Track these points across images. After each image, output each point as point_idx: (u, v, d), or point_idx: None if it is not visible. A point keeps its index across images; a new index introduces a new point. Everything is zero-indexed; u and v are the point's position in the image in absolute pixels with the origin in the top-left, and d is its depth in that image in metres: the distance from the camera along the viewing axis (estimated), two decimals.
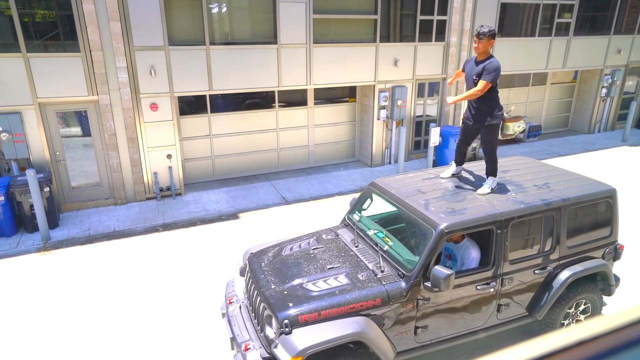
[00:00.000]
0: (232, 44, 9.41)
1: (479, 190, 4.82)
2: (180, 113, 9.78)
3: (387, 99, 10.99)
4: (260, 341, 4.11)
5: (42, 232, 7.58)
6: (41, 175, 7.73)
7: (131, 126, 8.78)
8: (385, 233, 4.77)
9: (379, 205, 5.19)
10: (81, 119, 8.75)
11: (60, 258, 7.12)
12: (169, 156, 9.27)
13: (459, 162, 5.39)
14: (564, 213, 4.59)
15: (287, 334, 3.72)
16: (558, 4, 12.66)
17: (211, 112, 10.21)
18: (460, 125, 5.45)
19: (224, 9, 9.34)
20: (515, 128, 13.25)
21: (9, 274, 6.67)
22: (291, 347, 3.62)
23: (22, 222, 7.91)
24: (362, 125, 11.74)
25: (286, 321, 3.76)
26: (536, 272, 4.60)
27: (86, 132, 8.81)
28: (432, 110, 12.13)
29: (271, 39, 9.62)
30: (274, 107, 10.81)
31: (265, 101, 10.70)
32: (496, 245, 4.32)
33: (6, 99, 7.86)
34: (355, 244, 4.78)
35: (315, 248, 4.81)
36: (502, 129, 13.16)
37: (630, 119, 13.63)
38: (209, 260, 6.98)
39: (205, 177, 10.53)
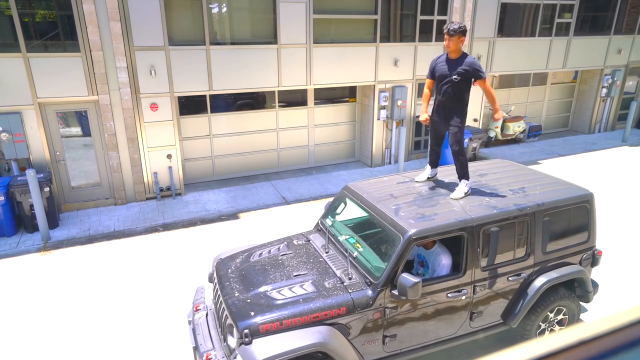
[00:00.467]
0: (232, 44, 9.41)
1: (453, 195, 4.68)
2: (180, 113, 9.78)
3: (387, 99, 11.00)
4: (223, 351, 3.96)
5: (42, 232, 7.58)
6: (41, 175, 7.73)
7: (131, 126, 8.79)
8: (356, 239, 4.65)
9: (354, 210, 5.05)
10: (81, 119, 8.75)
11: (60, 258, 7.12)
12: (169, 156, 9.27)
13: (433, 165, 5.26)
14: (539, 218, 4.47)
15: (247, 344, 3.61)
16: (558, 4, 12.66)
17: (210, 112, 10.21)
18: (429, 127, 5.33)
19: (224, 9, 9.34)
20: (515, 128, 13.25)
21: (9, 274, 6.67)
22: (250, 358, 3.52)
23: (22, 222, 7.92)
24: (362, 125, 11.74)
25: (246, 331, 3.64)
26: (510, 279, 4.47)
27: (86, 132, 8.81)
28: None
29: (271, 39, 9.63)
30: (274, 107, 10.81)
31: (257, 101, 10.67)
32: (467, 252, 4.19)
33: (6, 99, 7.86)
34: (325, 249, 4.65)
35: (284, 254, 4.68)
36: (503, 129, 13.17)
37: (630, 119, 13.63)
38: (208, 260, 6.98)
39: (205, 177, 10.53)
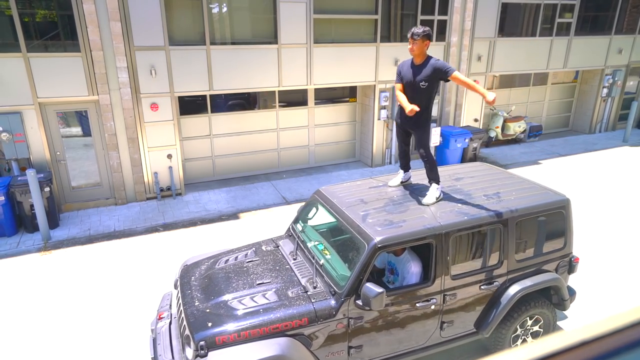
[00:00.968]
0: (233, 43, 9.42)
1: (424, 200, 4.53)
2: (180, 113, 9.79)
3: (388, 99, 10.99)
4: None
5: (43, 232, 7.58)
6: (41, 175, 7.73)
7: (131, 126, 8.79)
8: (325, 245, 4.49)
9: (325, 215, 4.89)
10: (81, 118, 8.76)
11: (61, 258, 7.12)
12: (169, 156, 9.27)
13: (405, 168, 5.13)
14: (512, 225, 4.34)
15: (203, 356, 3.49)
16: (559, 4, 12.65)
17: (210, 112, 10.22)
18: (395, 130, 5.16)
19: (224, 9, 9.34)
20: (516, 128, 13.24)
21: (9, 273, 6.67)
22: None
23: (23, 222, 7.92)
24: (363, 125, 11.74)
25: (202, 343, 3.52)
26: (482, 288, 4.34)
27: (86, 132, 8.82)
28: (433, 110, 12.09)
29: (271, 39, 9.63)
30: (274, 107, 10.81)
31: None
32: (436, 260, 4.06)
33: (6, 99, 7.86)
34: (294, 256, 4.52)
35: (250, 261, 4.55)
36: (503, 129, 13.16)
37: (631, 119, 13.62)
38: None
39: (205, 177, 10.53)
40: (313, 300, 3.86)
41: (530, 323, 4.68)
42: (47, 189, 7.68)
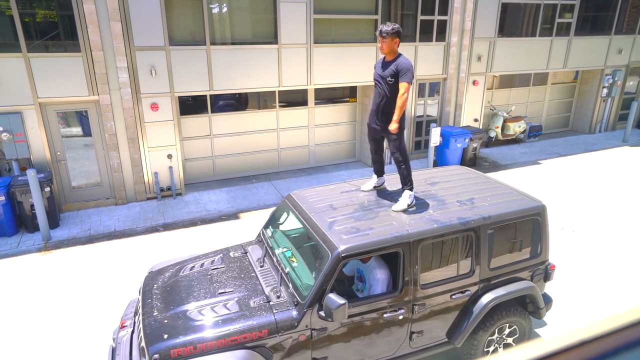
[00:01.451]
0: (233, 43, 9.42)
1: (394, 207, 4.39)
2: (180, 113, 9.79)
3: None
4: None
5: (43, 232, 7.58)
6: (42, 175, 7.74)
7: (132, 126, 8.79)
8: (293, 252, 4.33)
9: (296, 221, 4.74)
10: (82, 119, 8.76)
11: (61, 258, 7.12)
12: (170, 156, 9.27)
13: (378, 173, 4.97)
14: (484, 232, 4.21)
15: None
16: (559, 4, 12.65)
17: (211, 112, 10.22)
18: (368, 134, 4.99)
19: (225, 9, 9.34)
20: (515, 128, 13.24)
21: (9, 273, 6.67)
22: None
23: (23, 222, 7.92)
24: (363, 125, 11.73)
25: (156, 355, 3.40)
26: (454, 297, 4.21)
27: (87, 132, 8.82)
28: (433, 110, 12.12)
29: (272, 39, 9.63)
30: (275, 107, 10.81)
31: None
32: (404, 269, 3.91)
33: (7, 99, 7.87)
34: (260, 263, 4.38)
35: (215, 268, 4.41)
36: (503, 129, 13.17)
37: (631, 119, 13.62)
38: None
39: (205, 177, 10.53)
40: (275, 311, 3.73)
41: (505, 332, 4.57)
42: (48, 189, 7.68)
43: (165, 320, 3.74)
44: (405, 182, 4.58)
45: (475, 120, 12.64)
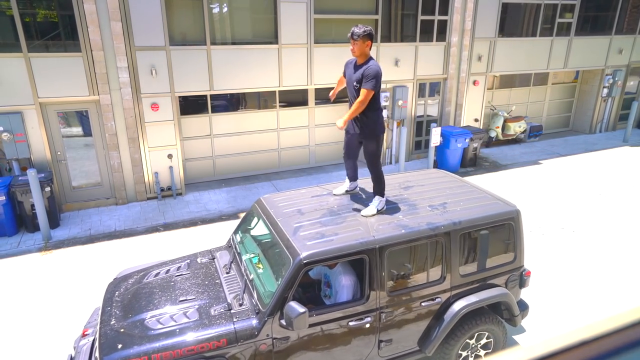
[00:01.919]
0: (233, 43, 9.42)
1: (363, 212, 4.30)
2: (180, 113, 9.79)
3: (388, 99, 10.99)
4: None
5: (43, 232, 7.59)
6: (42, 175, 7.74)
7: (132, 126, 8.79)
8: (260, 258, 4.21)
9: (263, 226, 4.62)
10: (82, 118, 8.76)
11: (61, 258, 7.13)
12: (170, 156, 9.28)
13: (351, 178, 4.90)
14: (455, 238, 4.10)
15: None
16: (559, 4, 12.65)
17: (211, 112, 10.22)
18: (344, 138, 4.88)
19: (225, 9, 9.34)
20: (516, 128, 13.24)
21: (10, 273, 6.68)
22: None
23: (23, 222, 7.93)
24: None
25: None
26: (424, 304, 4.09)
27: (87, 132, 8.82)
28: (433, 110, 12.12)
29: (272, 39, 9.63)
30: (275, 107, 10.81)
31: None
32: (370, 276, 3.80)
33: (7, 98, 7.87)
34: (227, 269, 4.27)
35: (179, 275, 4.29)
36: (503, 129, 13.17)
37: (631, 119, 13.62)
38: None
39: (206, 177, 10.53)
40: (235, 320, 3.60)
41: (478, 340, 4.46)
42: (48, 189, 7.68)
43: (122, 330, 3.62)
44: (377, 189, 4.51)
45: (476, 120, 12.64)
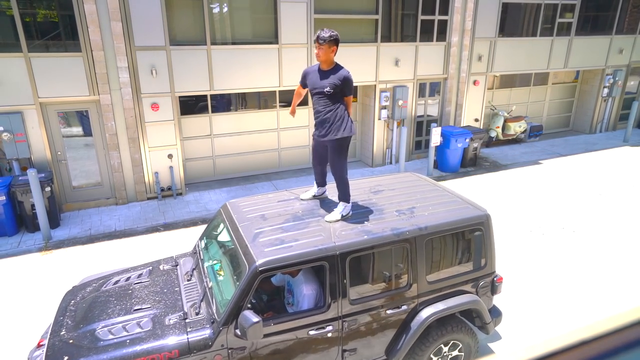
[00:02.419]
0: (233, 43, 9.42)
1: (327, 217, 4.17)
2: (181, 113, 9.79)
3: (388, 98, 10.99)
4: None
5: (43, 232, 7.59)
6: (42, 174, 7.74)
7: (132, 126, 8.79)
8: (222, 265, 4.08)
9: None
10: (82, 118, 8.76)
11: (61, 257, 7.13)
12: (170, 156, 9.28)
13: (320, 184, 4.77)
14: (420, 244, 3.97)
15: None
16: (560, 4, 12.64)
17: (211, 112, 10.22)
18: (312, 143, 4.76)
19: (225, 9, 9.34)
20: (516, 128, 13.24)
21: (10, 273, 6.68)
22: None
23: (24, 222, 7.93)
24: (363, 125, 11.74)
25: None
26: (389, 312, 3.96)
27: (87, 132, 8.82)
28: (433, 110, 12.12)
29: (272, 38, 9.63)
30: (275, 107, 10.81)
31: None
32: (331, 284, 3.67)
33: (7, 98, 7.87)
34: (188, 277, 4.15)
35: (139, 282, 4.17)
36: (504, 129, 13.16)
37: (631, 119, 13.62)
38: None
39: (206, 177, 10.54)
40: (188, 330, 3.48)
41: (448, 349, 4.33)
42: (48, 189, 7.68)
43: (71, 341, 3.48)
44: (342, 195, 4.36)
45: (476, 120, 12.63)
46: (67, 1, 7.88)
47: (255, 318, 3.26)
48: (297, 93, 4.73)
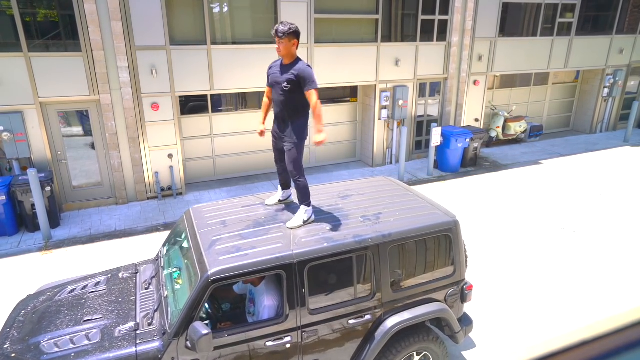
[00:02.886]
0: (234, 43, 9.42)
1: (289, 223, 4.03)
2: (181, 113, 9.79)
3: (389, 98, 10.99)
4: None
5: (44, 232, 7.59)
6: (42, 174, 7.74)
7: (132, 126, 8.80)
8: (182, 273, 3.92)
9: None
10: (82, 118, 8.77)
11: (62, 257, 7.13)
12: (170, 156, 9.28)
13: (284, 186, 4.62)
14: (384, 251, 3.83)
15: None
16: (560, 4, 12.64)
17: (211, 112, 10.22)
18: (272, 141, 4.63)
19: (225, 9, 9.34)
20: (516, 128, 13.24)
21: (10, 273, 6.68)
22: None
23: (24, 222, 7.93)
24: (364, 125, 11.74)
25: None
26: (352, 322, 3.83)
27: (87, 132, 8.83)
28: (434, 110, 12.12)
29: (272, 38, 9.60)
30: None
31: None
32: (289, 293, 3.56)
33: (8, 98, 7.87)
34: (146, 285, 4.02)
35: (93, 291, 4.02)
36: (504, 129, 13.16)
37: (632, 119, 13.61)
38: None
39: (206, 177, 10.54)
40: (138, 342, 3.34)
41: (419, 358, 4.22)
42: (48, 189, 7.68)
43: (13, 354, 3.33)
44: (302, 198, 4.19)
45: (476, 120, 12.63)
46: (67, 1, 7.88)
47: (204, 330, 3.13)
48: (267, 96, 4.53)
